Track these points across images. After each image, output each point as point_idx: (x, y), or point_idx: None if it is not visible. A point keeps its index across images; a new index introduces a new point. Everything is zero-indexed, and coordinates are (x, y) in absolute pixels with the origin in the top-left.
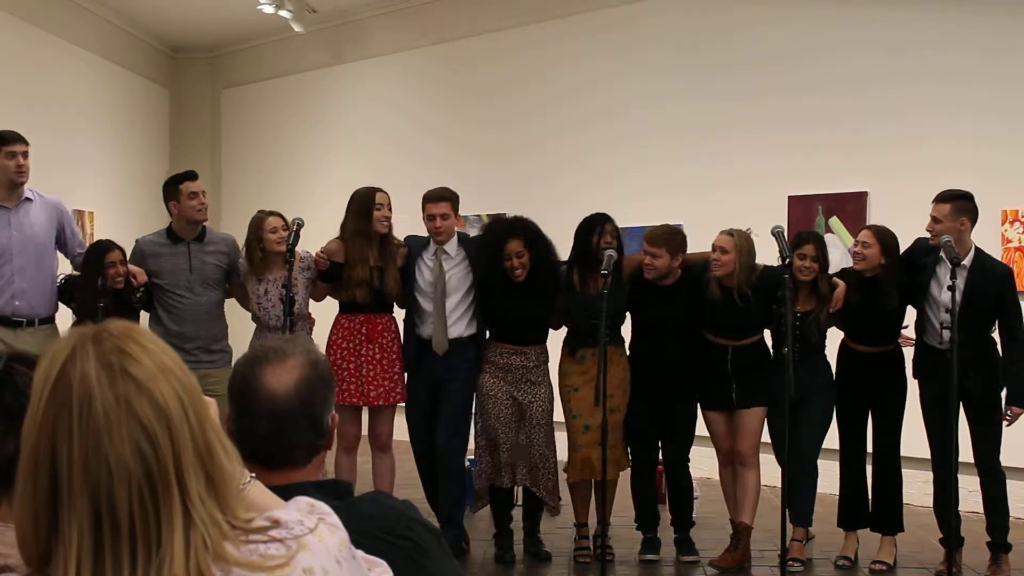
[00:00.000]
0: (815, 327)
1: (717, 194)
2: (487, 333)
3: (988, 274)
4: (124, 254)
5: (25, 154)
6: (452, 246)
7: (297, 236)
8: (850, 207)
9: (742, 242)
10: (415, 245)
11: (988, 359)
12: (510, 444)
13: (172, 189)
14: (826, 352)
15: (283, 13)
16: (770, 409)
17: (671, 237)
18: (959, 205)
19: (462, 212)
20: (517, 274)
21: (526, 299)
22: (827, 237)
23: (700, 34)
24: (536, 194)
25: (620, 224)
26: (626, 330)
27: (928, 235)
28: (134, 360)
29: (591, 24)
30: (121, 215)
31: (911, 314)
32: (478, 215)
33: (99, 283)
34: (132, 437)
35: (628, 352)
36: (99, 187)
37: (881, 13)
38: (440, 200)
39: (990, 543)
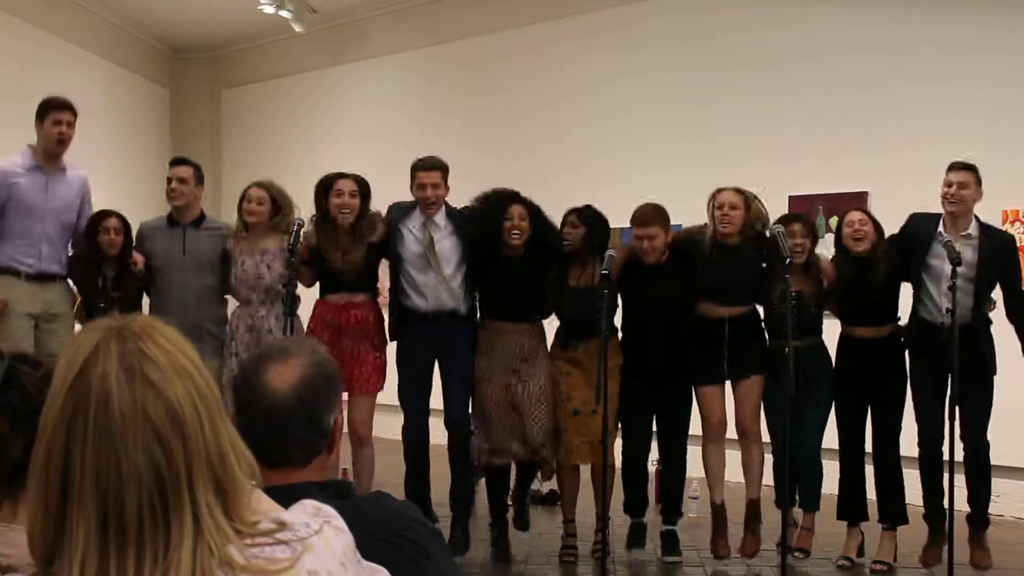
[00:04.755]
0: (810, 308)
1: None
2: (479, 311)
3: (995, 243)
4: (124, 222)
5: (70, 123)
6: (440, 217)
7: (298, 236)
8: (850, 207)
9: (751, 198)
10: (397, 213)
11: (985, 333)
12: (504, 426)
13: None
14: (823, 339)
15: (283, 13)
16: (768, 402)
17: (660, 212)
18: (979, 177)
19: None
20: (514, 237)
21: (522, 275)
22: (827, 237)
23: (700, 34)
24: (536, 194)
25: (620, 224)
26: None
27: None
28: (152, 362)
29: (591, 24)
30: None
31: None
32: None
33: (98, 257)
34: (146, 443)
35: (620, 335)
36: (99, 187)
37: (881, 13)
38: (432, 169)
39: (970, 516)
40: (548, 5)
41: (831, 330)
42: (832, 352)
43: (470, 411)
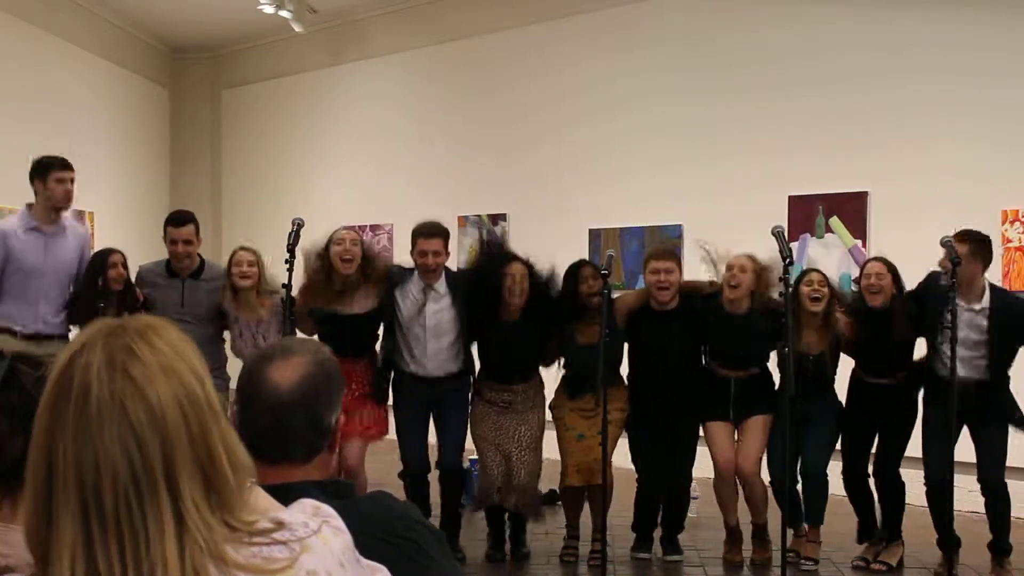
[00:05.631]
0: (827, 366)
1: (717, 194)
2: (477, 371)
3: (1011, 309)
4: (125, 258)
5: (72, 180)
6: (441, 284)
7: (297, 236)
8: (850, 207)
9: (759, 264)
10: (398, 276)
11: (1005, 387)
12: (495, 472)
13: (164, 229)
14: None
15: (283, 13)
16: (770, 446)
17: (672, 250)
18: (977, 248)
19: (462, 213)
20: (514, 297)
21: (520, 339)
22: (827, 237)
23: (700, 34)
24: (536, 194)
25: (620, 224)
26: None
27: (940, 270)
28: (138, 359)
29: (591, 24)
30: (121, 215)
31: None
32: (478, 215)
33: (99, 283)
34: (121, 437)
35: (627, 383)
36: (99, 187)
37: (881, 13)
38: (433, 237)
39: (991, 544)
40: (548, 5)
41: (841, 370)
42: (839, 392)
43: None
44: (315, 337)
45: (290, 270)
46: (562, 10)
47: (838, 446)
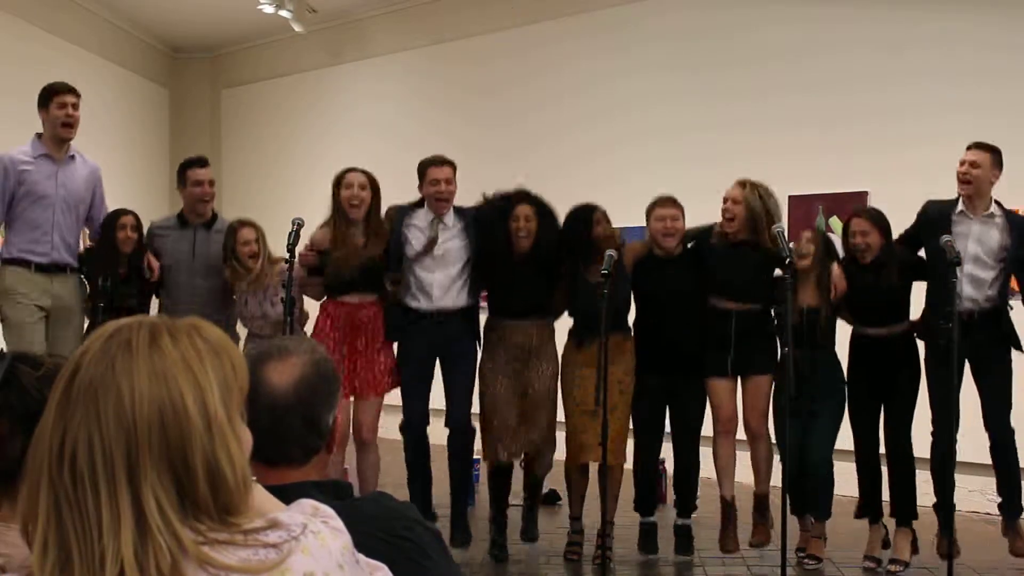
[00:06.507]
0: (823, 322)
1: (717, 194)
2: (488, 309)
3: (1017, 227)
4: (138, 220)
5: (75, 105)
6: (449, 216)
7: (297, 236)
8: (850, 207)
9: (752, 193)
10: (401, 213)
11: (1004, 315)
12: (507, 424)
13: (181, 174)
14: (835, 351)
15: (283, 13)
16: (776, 406)
17: (676, 200)
18: (998, 158)
19: None
20: (522, 237)
21: (529, 274)
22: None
23: (700, 34)
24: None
25: (620, 224)
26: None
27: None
28: (130, 356)
29: (591, 24)
30: None
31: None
32: None
33: (106, 253)
34: (86, 423)
35: (634, 330)
36: None
37: (881, 13)
38: (444, 164)
39: (1001, 505)
40: (548, 5)
41: (842, 334)
42: (843, 359)
43: (474, 409)
44: (324, 298)
45: (290, 270)
46: (562, 10)
47: (845, 420)
